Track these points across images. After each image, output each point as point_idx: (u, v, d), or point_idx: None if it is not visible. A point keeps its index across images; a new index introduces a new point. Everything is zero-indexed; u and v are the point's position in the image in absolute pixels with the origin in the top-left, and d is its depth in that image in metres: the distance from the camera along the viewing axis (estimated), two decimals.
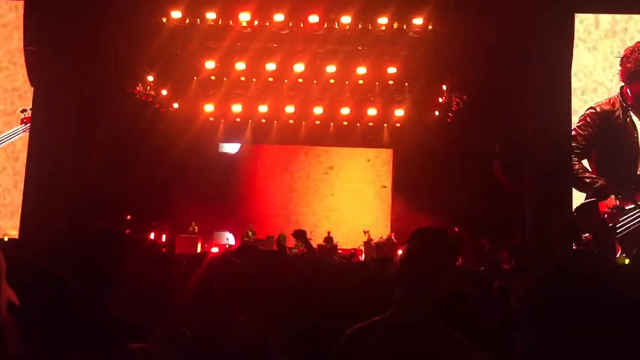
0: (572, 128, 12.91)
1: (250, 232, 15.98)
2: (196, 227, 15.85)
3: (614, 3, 13.66)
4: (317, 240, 16.06)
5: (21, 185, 12.47)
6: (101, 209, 12.67)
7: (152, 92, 15.98)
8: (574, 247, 11.78)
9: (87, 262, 2.19)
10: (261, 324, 2.63)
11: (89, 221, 10.50)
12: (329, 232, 15.88)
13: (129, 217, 14.51)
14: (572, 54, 13.53)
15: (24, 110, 13.11)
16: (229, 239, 16.55)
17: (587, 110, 13.04)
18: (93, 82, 12.91)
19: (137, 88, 15.31)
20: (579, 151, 12.79)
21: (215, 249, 15.05)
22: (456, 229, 15.26)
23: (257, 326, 2.60)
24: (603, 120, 12.98)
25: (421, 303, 2.20)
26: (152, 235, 15.26)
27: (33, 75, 13.06)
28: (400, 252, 2.49)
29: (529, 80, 12.69)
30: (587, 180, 12.77)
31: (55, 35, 12.62)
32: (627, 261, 11.23)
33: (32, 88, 12.96)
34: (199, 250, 15.07)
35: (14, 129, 13.14)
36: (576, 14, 13.98)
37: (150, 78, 15.71)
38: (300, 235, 6.56)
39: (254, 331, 2.57)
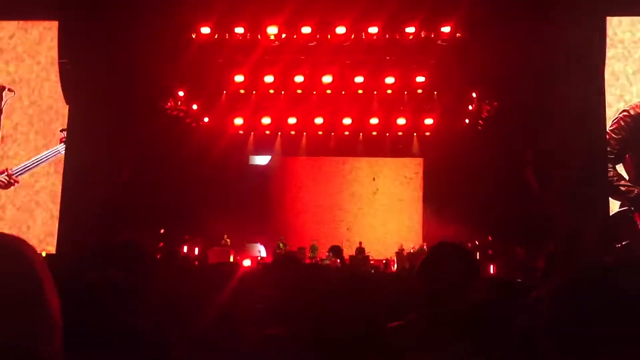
0: (606, 132, 12.64)
1: (281, 244, 16.00)
2: (228, 240, 15.93)
3: None
4: (349, 251, 16.02)
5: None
6: (135, 223, 12.86)
7: (183, 107, 16.22)
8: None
9: (114, 274, 2.21)
10: (295, 338, 2.62)
11: (122, 235, 10.65)
12: (360, 243, 15.80)
13: (162, 230, 14.69)
14: (604, 58, 13.29)
15: (63, 130, 13.43)
16: (261, 251, 16.59)
17: (620, 113, 12.74)
18: (125, 99, 13.18)
19: (169, 103, 15.55)
20: (613, 156, 12.46)
21: (247, 261, 15.11)
22: (490, 238, 15.07)
23: (291, 341, 2.58)
24: (638, 124, 12.66)
25: (441, 314, 2.20)
26: (185, 249, 15.41)
27: (67, 92, 13.40)
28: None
29: (561, 85, 12.50)
30: (622, 188, 12.43)
31: (87, 53, 12.95)
32: None
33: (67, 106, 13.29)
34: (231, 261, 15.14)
35: (53, 149, 13.49)
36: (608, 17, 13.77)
37: (181, 93, 15.94)
38: (336, 251, 6.58)
39: (287, 346, 2.55)
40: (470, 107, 16.25)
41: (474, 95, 15.94)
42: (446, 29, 14.82)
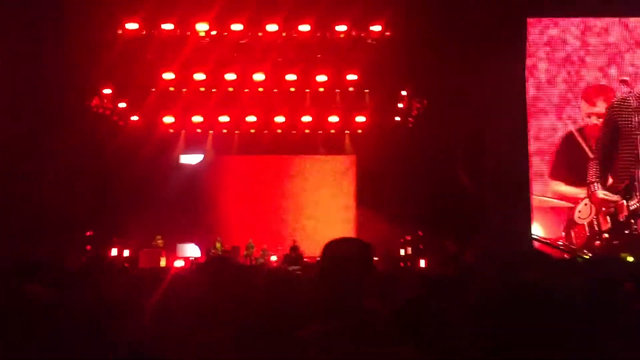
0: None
1: (218, 244, 15.78)
2: (160, 241, 15.60)
3: (565, 7, 14.04)
4: (284, 249, 16.01)
5: None
6: (59, 225, 12.36)
7: (110, 105, 15.71)
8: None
9: (32, 289, 2.11)
10: (231, 344, 2.56)
11: (43, 244, 10.18)
12: (294, 241, 15.84)
13: (89, 233, 14.20)
14: (525, 58, 13.88)
15: None
16: (194, 251, 16.34)
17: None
18: (49, 96, 12.64)
19: (94, 101, 15.03)
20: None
21: (179, 262, 14.83)
22: (420, 233, 15.43)
23: (227, 346, 2.53)
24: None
25: (345, 309, 2.21)
26: (114, 251, 14.96)
27: None
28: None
29: (486, 83, 12.94)
30: None
31: (9, 49, 12.33)
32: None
33: None
34: (163, 264, 14.81)
35: None
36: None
37: (107, 91, 15.43)
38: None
39: (225, 353, 2.49)
40: (400, 105, 16.56)
41: (404, 93, 16.25)
42: (376, 28, 15.04)
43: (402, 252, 15.91)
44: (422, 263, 14.34)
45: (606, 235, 13.61)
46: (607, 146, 13.97)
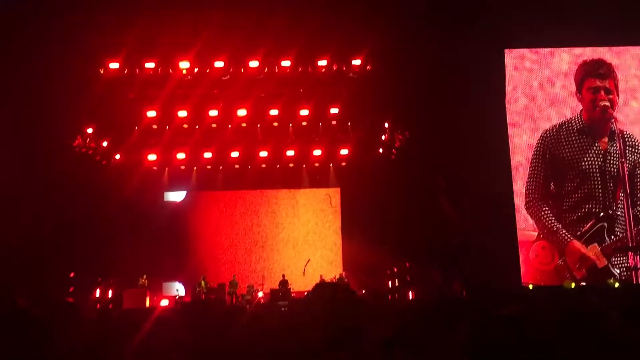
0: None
1: (202, 282, 15.58)
2: (145, 280, 15.37)
3: (540, 38, 14.38)
4: (272, 284, 15.84)
5: None
6: (43, 267, 12.17)
7: (92, 144, 15.64)
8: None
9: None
10: None
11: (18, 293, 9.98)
12: (283, 276, 15.71)
13: (72, 274, 13.97)
14: (504, 87, 14.12)
15: None
16: (179, 289, 16.11)
17: None
18: (30, 137, 12.57)
19: (77, 141, 14.95)
20: None
21: (165, 302, 14.61)
22: (407, 264, 15.38)
23: None
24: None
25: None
26: (97, 292, 14.71)
27: None
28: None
29: (466, 114, 13.11)
30: None
31: None
32: (572, 285, 11.53)
33: None
34: (147, 304, 14.57)
35: None
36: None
37: (89, 130, 15.38)
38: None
39: None
40: (383, 137, 16.67)
41: (386, 125, 16.38)
42: (357, 62, 15.23)
43: (389, 284, 15.83)
44: (410, 295, 14.26)
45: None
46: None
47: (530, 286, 12.89)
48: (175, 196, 18.03)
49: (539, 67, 14.76)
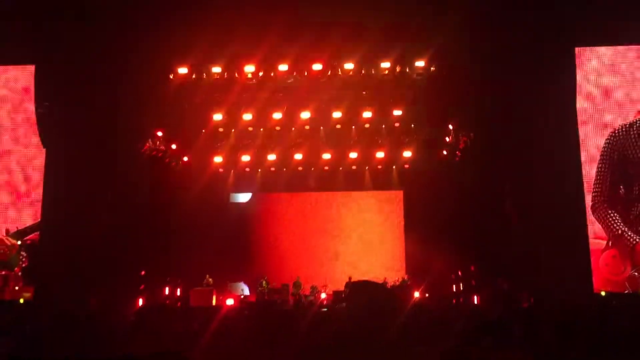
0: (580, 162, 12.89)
1: (264, 282, 15.87)
2: (210, 279, 15.77)
3: (611, 36, 13.80)
4: (336, 285, 15.91)
5: None
6: (115, 266, 12.67)
7: (162, 147, 16.17)
8: None
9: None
10: None
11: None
12: (350, 277, 15.72)
13: (142, 272, 14.49)
14: (575, 88, 13.61)
15: None
16: (244, 289, 16.43)
17: None
18: (104, 142, 13.11)
19: (147, 144, 15.50)
20: None
21: (230, 301, 14.94)
22: (472, 268, 15.09)
23: None
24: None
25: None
26: (166, 290, 15.21)
27: (45, 137, 13.31)
28: (416, 294, 2.52)
29: (535, 116, 12.73)
30: None
31: (65, 97, 12.90)
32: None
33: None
34: (214, 302, 14.94)
35: None
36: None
37: (159, 134, 15.92)
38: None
39: None
40: (447, 139, 16.44)
41: (450, 127, 16.14)
42: (420, 64, 15.07)
43: (453, 288, 15.59)
44: (475, 300, 14.00)
45: None
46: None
47: (603, 293, 12.41)
48: (241, 197, 18.42)
49: (609, 65, 14.16)
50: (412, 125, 16.92)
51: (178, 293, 15.64)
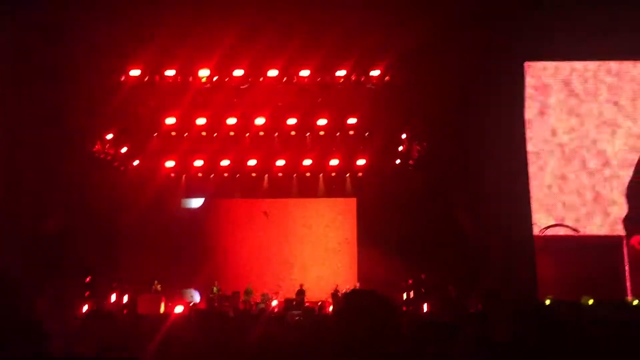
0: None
1: (215, 289, 15.64)
2: (159, 286, 15.44)
3: (562, 51, 14.27)
4: (287, 293, 15.81)
5: None
6: (59, 271, 12.29)
7: (111, 151, 15.80)
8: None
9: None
10: None
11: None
12: (301, 285, 15.66)
13: (88, 279, 14.08)
14: (524, 101, 14.02)
15: None
16: (194, 296, 16.15)
17: None
18: (50, 143, 12.74)
19: (96, 147, 15.12)
20: None
21: (179, 308, 14.66)
22: (423, 276, 15.27)
23: None
24: None
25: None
26: (113, 297, 14.81)
27: None
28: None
29: (485, 126, 13.03)
30: None
31: (11, 95, 12.50)
32: (590, 302, 11.35)
33: None
34: (162, 310, 14.63)
35: None
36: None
37: (109, 136, 15.55)
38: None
39: None
40: (400, 148, 16.63)
41: (404, 136, 16.34)
42: (375, 73, 15.24)
43: (404, 295, 15.72)
44: (425, 307, 14.15)
45: None
46: None
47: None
48: (193, 203, 18.12)
49: (556, 81, 14.66)
50: (367, 134, 17.05)
51: (125, 300, 15.23)
